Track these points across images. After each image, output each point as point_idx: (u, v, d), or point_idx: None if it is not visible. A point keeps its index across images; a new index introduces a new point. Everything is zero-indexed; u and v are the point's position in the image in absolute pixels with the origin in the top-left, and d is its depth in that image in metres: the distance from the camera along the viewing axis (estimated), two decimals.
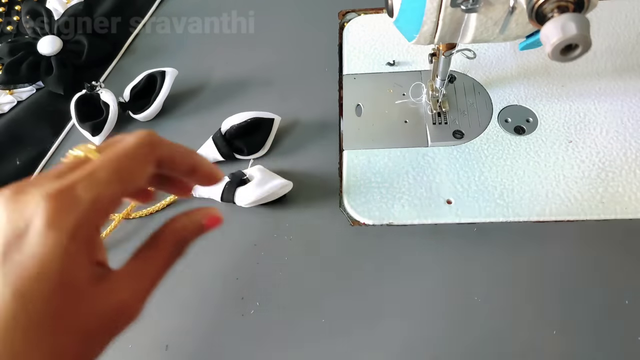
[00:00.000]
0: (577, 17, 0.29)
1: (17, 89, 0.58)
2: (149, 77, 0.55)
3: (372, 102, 0.54)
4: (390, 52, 0.58)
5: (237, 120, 0.50)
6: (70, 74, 0.58)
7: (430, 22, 0.36)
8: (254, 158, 0.51)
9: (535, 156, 0.48)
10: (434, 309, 0.41)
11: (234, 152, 0.51)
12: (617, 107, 0.50)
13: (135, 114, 0.55)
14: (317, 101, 0.55)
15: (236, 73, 0.59)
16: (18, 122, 0.56)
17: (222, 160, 0.51)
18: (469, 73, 0.54)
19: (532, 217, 0.45)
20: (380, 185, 0.48)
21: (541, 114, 0.51)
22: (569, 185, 0.46)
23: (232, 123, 0.50)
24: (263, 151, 0.51)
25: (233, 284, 0.45)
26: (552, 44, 0.30)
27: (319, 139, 0.52)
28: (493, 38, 0.37)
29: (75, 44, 0.60)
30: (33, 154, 0.54)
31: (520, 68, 0.54)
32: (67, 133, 0.56)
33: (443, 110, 0.51)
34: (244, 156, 0.51)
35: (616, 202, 0.44)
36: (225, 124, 0.51)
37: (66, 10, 0.62)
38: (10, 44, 0.59)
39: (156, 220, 0.49)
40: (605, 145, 0.48)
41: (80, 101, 0.55)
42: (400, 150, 0.50)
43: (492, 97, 0.52)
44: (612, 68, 0.53)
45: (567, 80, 0.53)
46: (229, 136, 0.50)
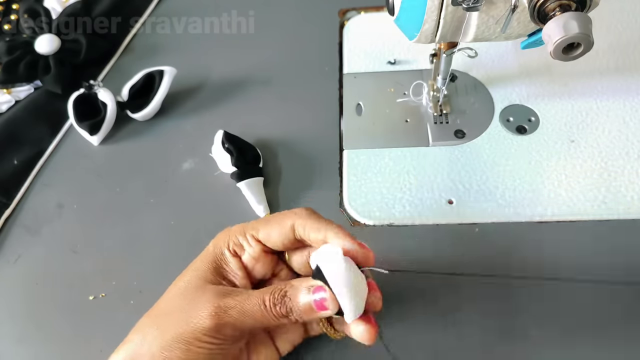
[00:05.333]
0: (579, 16, 0.29)
1: (15, 88, 0.58)
2: (148, 76, 0.55)
3: (373, 102, 0.54)
4: (391, 50, 0.57)
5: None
6: (69, 73, 0.58)
7: (432, 20, 0.36)
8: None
9: (537, 156, 0.48)
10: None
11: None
12: (620, 106, 0.50)
13: (134, 113, 0.55)
14: (317, 100, 0.55)
15: (236, 72, 0.59)
16: (16, 121, 0.55)
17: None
18: (471, 72, 0.54)
19: (534, 218, 0.44)
20: (380, 186, 0.48)
21: (543, 113, 0.50)
22: (571, 185, 0.45)
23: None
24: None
25: None
26: (554, 42, 0.29)
27: (319, 139, 0.52)
28: (494, 37, 0.37)
29: (73, 42, 0.59)
30: (30, 154, 0.53)
31: (522, 67, 0.54)
32: (65, 132, 0.56)
33: (444, 112, 0.51)
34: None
35: (619, 203, 0.44)
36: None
37: (64, 9, 0.61)
38: (7, 42, 0.58)
39: None
40: (608, 145, 0.47)
41: (78, 100, 0.55)
42: (401, 149, 0.50)
43: (493, 96, 0.52)
44: (615, 67, 0.53)
45: (569, 79, 0.52)
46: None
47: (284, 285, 0.33)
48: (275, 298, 0.32)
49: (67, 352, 0.42)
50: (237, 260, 0.35)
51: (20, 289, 0.46)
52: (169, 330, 0.32)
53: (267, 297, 0.32)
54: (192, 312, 0.32)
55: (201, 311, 0.31)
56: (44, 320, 0.44)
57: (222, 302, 0.32)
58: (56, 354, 0.42)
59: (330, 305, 0.31)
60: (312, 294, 0.31)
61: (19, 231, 0.49)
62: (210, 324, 0.31)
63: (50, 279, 0.46)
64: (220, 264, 0.35)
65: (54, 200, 0.51)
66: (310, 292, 0.31)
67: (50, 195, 0.51)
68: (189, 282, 0.34)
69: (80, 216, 0.49)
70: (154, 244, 0.47)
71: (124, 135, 0.55)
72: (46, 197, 0.51)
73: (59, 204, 0.50)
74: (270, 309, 0.32)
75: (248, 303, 0.32)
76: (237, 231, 0.36)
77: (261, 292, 0.32)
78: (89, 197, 0.51)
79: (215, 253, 0.35)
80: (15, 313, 0.44)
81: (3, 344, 0.43)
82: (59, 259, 0.47)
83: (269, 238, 0.35)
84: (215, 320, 0.31)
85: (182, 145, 0.53)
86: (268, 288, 0.33)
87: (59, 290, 0.45)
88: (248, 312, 0.32)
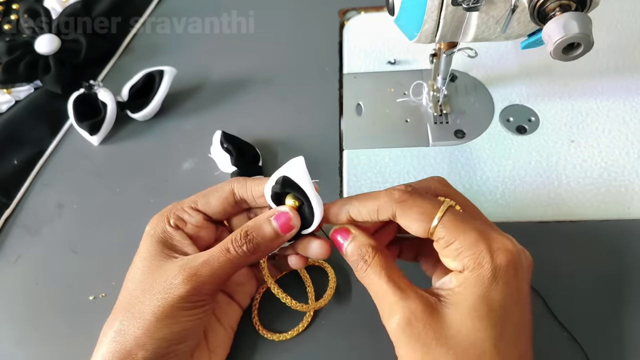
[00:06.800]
0: (579, 16, 0.29)
1: (15, 88, 0.58)
2: (148, 76, 0.55)
3: (373, 101, 0.54)
4: (391, 50, 0.57)
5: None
6: (69, 73, 0.58)
7: (432, 20, 0.36)
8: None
9: (537, 156, 0.48)
10: None
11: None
12: (620, 106, 0.50)
13: (134, 113, 0.55)
14: (317, 100, 0.55)
15: (236, 72, 0.59)
16: (16, 121, 0.55)
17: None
18: (471, 72, 0.54)
19: (533, 218, 0.44)
20: (381, 186, 0.47)
21: (543, 113, 0.50)
22: (571, 185, 0.45)
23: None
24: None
25: None
26: (554, 42, 0.29)
27: (319, 139, 0.52)
28: (494, 37, 0.37)
29: (73, 42, 0.59)
30: (30, 154, 0.53)
31: (522, 67, 0.54)
32: (65, 132, 0.56)
33: (444, 112, 0.51)
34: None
35: (618, 203, 0.44)
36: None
37: (64, 9, 0.61)
38: (7, 42, 0.58)
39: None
40: (608, 145, 0.47)
41: (78, 100, 0.55)
42: (401, 149, 0.50)
43: (493, 96, 0.52)
44: (615, 67, 0.53)
45: (569, 79, 0.52)
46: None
47: (241, 228, 0.34)
48: (239, 240, 0.34)
49: (67, 353, 0.42)
50: (180, 232, 0.36)
51: (20, 289, 0.46)
52: (146, 314, 0.32)
53: (229, 244, 0.34)
54: (163, 288, 0.33)
55: (173, 283, 0.32)
56: (43, 320, 0.44)
57: (189, 267, 0.33)
58: (56, 354, 0.42)
59: (295, 221, 0.34)
60: (275, 220, 0.34)
61: (19, 231, 0.49)
62: (188, 288, 0.32)
63: (50, 279, 0.46)
64: (165, 241, 0.36)
65: (54, 200, 0.51)
66: (273, 220, 0.34)
67: (50, 195, 0.51)
68: (143, 268, 0.34)
69: (80, 216, 0.49)
70: None
71: (124, 135, 0.55)
72: (46, 197, 0.51)
73: (59, 204, 0.50)
74: (236, 251, 0.33)
75: (214, 257, 0.33)
76: (174, 208, 0.37)
77: (221, 243, 0.34)
78: (89, 197, 0.51)
79: (156, 234, 0.36)
80: (15, 313, 0.44)
81: (2, 344, 0.43)
82: (59, 259, 0.47)
83: (209, 206, 0.37)
84: (190, 283, 0.32)
85: (182, 145, 0.53)
86: (227, 238, 0.34)
87: (58, 290, 0.45)
88: (217, 265, 0.33)
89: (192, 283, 0.32)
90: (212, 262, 0.33)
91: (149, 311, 0.32)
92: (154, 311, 0.32)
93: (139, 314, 0.32)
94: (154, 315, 0.32)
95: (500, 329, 0.29)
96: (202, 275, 0.33)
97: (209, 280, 0.33)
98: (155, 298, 0.32)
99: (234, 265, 0.34)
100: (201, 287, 0.33)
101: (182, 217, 0.37)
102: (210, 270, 0.33)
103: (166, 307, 0.32)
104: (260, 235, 0.34)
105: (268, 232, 0.34)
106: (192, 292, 0.32)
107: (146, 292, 0.33)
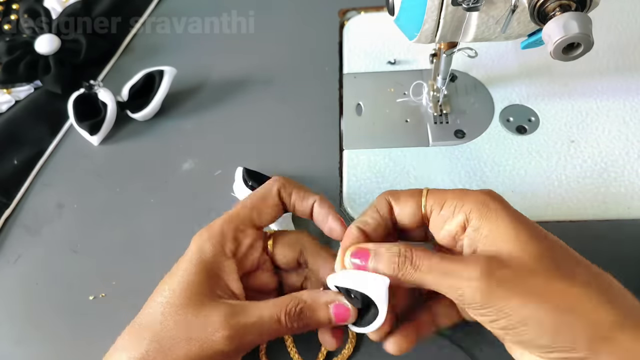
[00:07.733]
0: (579, 16, 0.29)
1: (15, 88, 0.58)
2: (148, 76, 0.55)
3: (373, 101, 0.54)
4: (391, 50, 0.57)
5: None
6: (69, 73, 0.58)
7: (432, 20, 0.36)
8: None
9: (537, 156, 0.48)
10: None
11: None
12: (620, 106, 0.50)
13: (134, 113, 0.55)
14: (317, 100, 0.55)
15: (236, 73, 0.59)
16: (16, 121, 0.55)
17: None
18: (470, 72, 0.54)
19: (533, 218, 0.44)
20: (380, 186, 0.47)
21: (543, 113, 0.50)
22: (571, 186, 0.45)
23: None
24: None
25: None
26: (554, 42, 0.29)
27: (319, 139, 0.52)
28: (494, 37, 0.37)
29: (73, 42, 0.59)
30: (30, 154, 0.53)
31: (522, 67, 0.54)
32: (65, 132, 0.56)
33: (444, 112, 0.51)
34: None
35: (618, 203, 0.44)
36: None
37: (64, 9, 0.61)
38: (7, 42, 0.58)
39: None
40: (608, 145, 0.47)
41: (78, 100, 0.55)
42: (401, 149, 0.50)
43: (493, 96, 0.52)
44: (615, 67, 0.53)
45: (569, 79, 0.52)
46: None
47: (296, 300, 0.33)
48: (292, 316, 0.32)
49: (67, 353, 0.42)
50: (231, 263, 0.34)
51: (20, 289, 0.46)
52: (179, 356, 0.31)
53: (282, 315, 0.32)
54: (203, 337, 0.31)
55: (215, 336, 0.31)
56: (43, 320, 0.44)
57: (236, 324, 0.31)
58: (56, 354, 0.42)
59: (352, 319, 0.33)
60: (334, 309, 0.33)
61: (19, 231, 0.49)
62: (230, 347, 0.31)
63: (50, 279, 0.46)
64: (212, 270, 0.34)
65: (54, 200, 0.51)
66: (332, 307, 0.33)
67: (50, 195, 0.51)
68: (181, 295, 0.32)
69: (80, 216, 0.49)
70: (154, 244, 0.47)
71: (124, 135, 0.55)
72: (46, 197, 0.51)
73: (59, 204, 0.50)
74: (286, 325, 0.32)
75: (263, 323, 0.32)
76: (230, 228, 0.35)
77: (274, 307, 0.33)
78: (89, 197, 0.51)
79: (205, 259, 0.34)
80: (15, 313, 0.44)
81: (2, 344, 0.43)
82: (59, 259, 0.47)
83: (262, 219, 0.36)
84: (234, 344, 0.31)
85: (182, 145, 0.53)
86: (280, 302, 0.33)
87: (58, 290, 0.45)
88: (265, 332, 0.32)
89: (236, 343, 0.31)
90: (260, 327, 0.32)
91: (183, 355, 0.31)
92: (188, 355, 0.31)
93: (169, 351, 0.31)
94: (187, 359, 0.31)
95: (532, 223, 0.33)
96: (248, 338, 0.32)
97: (253, 343, 0.33)
98: (191, 343, 0.31)
99: (280, 334, 0.33)
100: (243, 347, 0.32)
101: (241, 240, 0.35)
102: (256, 336, 0.32)
103: (202, 356, 0.31)
104: (315, 319, 0.33)
105: (323, 317, 0.33)
106: (234, 351, 0.32)
107: (181, 329, 0.31)
